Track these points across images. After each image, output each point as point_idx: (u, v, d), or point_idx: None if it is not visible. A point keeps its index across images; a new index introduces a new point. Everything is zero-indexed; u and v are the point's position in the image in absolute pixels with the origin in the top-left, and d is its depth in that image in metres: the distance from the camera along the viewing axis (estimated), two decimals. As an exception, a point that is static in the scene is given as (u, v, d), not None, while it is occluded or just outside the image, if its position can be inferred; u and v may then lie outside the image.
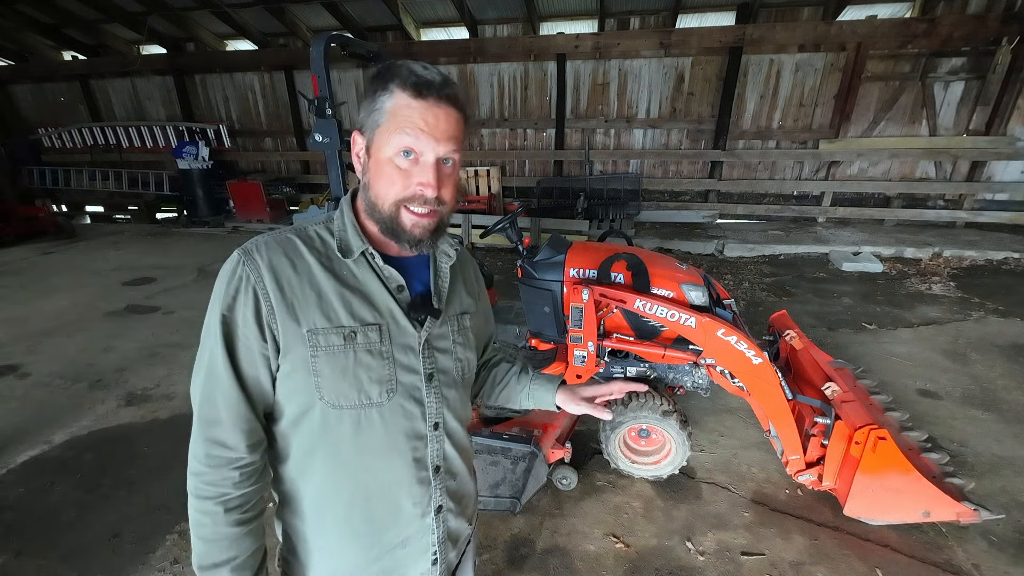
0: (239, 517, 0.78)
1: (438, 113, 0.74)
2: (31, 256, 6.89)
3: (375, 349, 0.79)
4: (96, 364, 3.73)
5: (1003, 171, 6.78)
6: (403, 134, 0.73)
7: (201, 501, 0.77)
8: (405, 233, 0.78)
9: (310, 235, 0.82)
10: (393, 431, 0.82)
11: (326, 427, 0.79)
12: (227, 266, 0.78)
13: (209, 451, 0.76)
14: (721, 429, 2.85)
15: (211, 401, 0.76)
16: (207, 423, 0.76)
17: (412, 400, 0.83)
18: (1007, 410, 2.98)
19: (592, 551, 2.08)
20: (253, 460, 0.79)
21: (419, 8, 7.58)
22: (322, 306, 0.77)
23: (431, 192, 0.76)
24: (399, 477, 0.84)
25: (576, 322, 2.15)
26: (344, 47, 3.66)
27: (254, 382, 0.78)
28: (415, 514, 0.87)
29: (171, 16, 7.95)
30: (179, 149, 8.37)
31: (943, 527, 2.12)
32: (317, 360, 0.76)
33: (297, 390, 0.78)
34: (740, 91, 7.11)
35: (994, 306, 4.49)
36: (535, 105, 7.95)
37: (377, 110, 0.75)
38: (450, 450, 0.90)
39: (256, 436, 0.79)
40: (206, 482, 0.77)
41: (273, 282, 0.76)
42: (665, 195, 7.97)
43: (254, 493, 0.81)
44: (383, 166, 0.76)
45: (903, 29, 6.21)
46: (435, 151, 0.74)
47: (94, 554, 2.11)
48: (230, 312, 0.76)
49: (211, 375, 0.76)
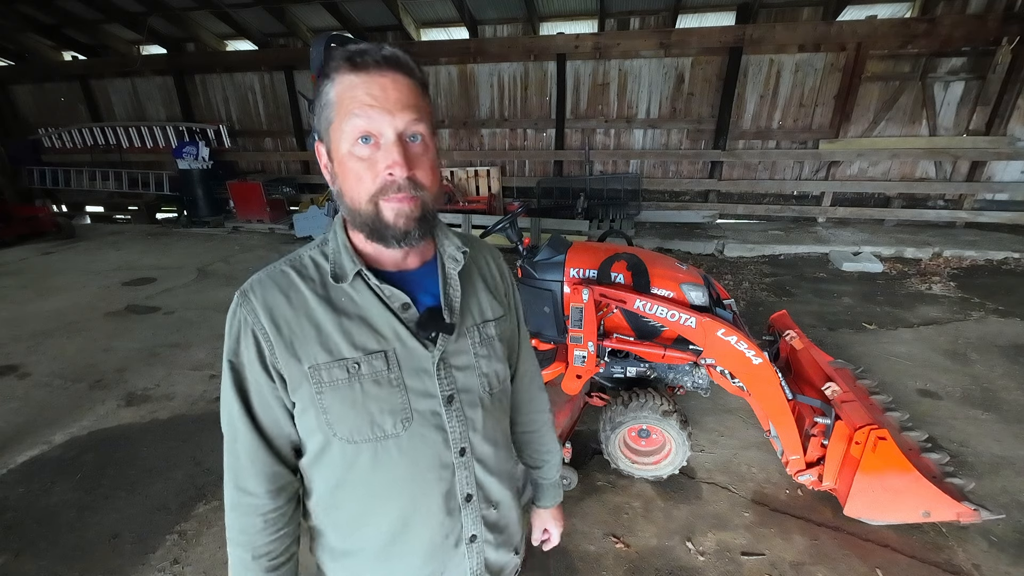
0: (266, 564, 0.78)
1: (383, 83, 0.66)
2: (31, 256, 6.89)
3: (383, 378, 0.74)
4: (96, 364, 3.73)
5: (1003, 171, 6.77)
6: (352, 117, 0.66)
7: (233, 547, 0.79)
8: (389, 228, 0.70)
9: (304, 263, 0.77)
10: (416, 463, 0.77)
11: (346, 462, 0.76)
12: (230, 309, 0.76)
13: (235, 498, 0.77)
14: (721, 429, 2.85)
15: (233, 447, 0.76)
16: (232, 471, 0.77)
17: (432, 427, 0.77)
18: (1007, 410, 2.98)
19: (592, 551, 2.08)
20: (277, 506, 0.77)
21: (419, 8, 7.58)
22: (321, 339, 0.73)
23: (400, 171, 0.66)
24: (429, 508, 0.79)
25: (576, 322, 2.15)
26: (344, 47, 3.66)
27: (272, 425, 0.76)
28: (447, 545, 0.82)
29: (171, 16, 7.94)
30: (179, 149, 8.37)
31: (943, 527, 2.12)
32: (323, 396, 0.72)
33: (311, 428, 0.75)
34: (740, 91, 7.10)
35: (994, 306, 4.49)
36: (535, 105, 7.94)
37: (325, 105, 0.69)
38: (484, 476, 0.83)
39: (279, 481, 0.77)
40: (238, 528, 0.78)
41: (270, 321, 0.72)
42: (665, 195, 7.97)
43: (281, 540, 0.79)
44: (345, 163, 0.68)
45: (903, 29, 6.21)
46: (392, 125, 0.66)
47: (94, 554, 2.11)
48: (236, 358, 0.74)
49: (229, 422, 0.76)
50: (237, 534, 0.78)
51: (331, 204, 3.64)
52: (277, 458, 0.77)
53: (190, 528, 2.23)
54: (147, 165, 9.49)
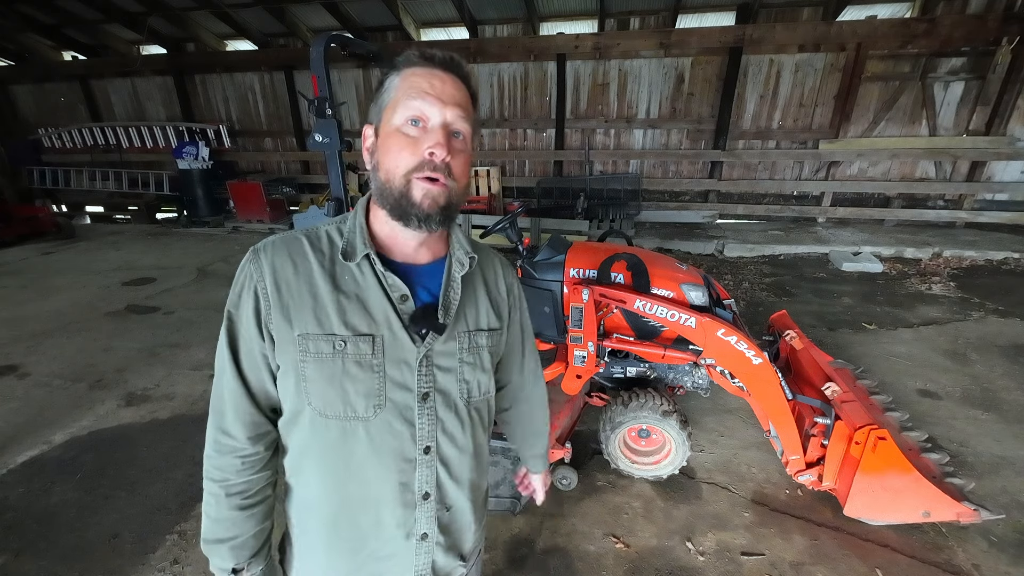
0: (240, 502, 0.82)
1: (444, 77, 0.74)
2: (31, 256, 6.88)
3: (365, 361, 0.76)
4: (96, 364, 3.73)
5: (1003, 171, 6.77)
6: (409, 99, 0.73)
7: (209, 483, 0.82)
8: (415, 207, 0.74)
9: (319, 235, 0.81)
10: (379, 448, 0.78)
11: (315, 432, 0.78)
12: (241, 263, 0.80)
13: (216, 438, 0.80)
14: (721, 429, 2.85)
15: (219, 393, 0.80)
16: (216, 412, 0.80)
17: (402, 419, 0.79)
18: (1007, 410, 2.98)
19: (592, 551, 2.08)
20: (256, 451, 0.81)
21: (419, 8, 7.58)
22: (316, 310, 0.76)
23: (441, 152, 0.72)
24: (382, 494, 0.81)
25: (576, 322, 2.15)
26: (344, 47, 3.66)
27: (255, 378, 0.80)
28: (398, 535, 0.83)
29: (171, 16, 7.95)
30: (179, 149, 8.37)
31: (943, 527, 2.12)
32: (306, 365, 0.76)
33: (289, 392, 0.78)
34: (740, 91, 7.11)
35: (994, 306, 4.49)
36: (535, 105, 7.95)
37: (385, 91, 0.76)
38: (445, 479, 0.84)
39: (258, 429, 0.81)
40: (213, 466, 0.81)
41: (272, 282, 0.76)
42: (665, 195, 7.97)
43: (256, 481, 0.83)
44: (391, 138, 0.74)
45: (903, 29, 6.21)
46: (442, 114, 0.73)
47: (94, 554, 2.11)
48: (235, 309, 0.78)
49: (220, 367, 0.79)
50: (213, 470, 0.81)
51: (331, 204, 3.64)
52: (258, 409, 0.81)
53: (190, 528, 2.23)
54: (147, 165, 9.49)
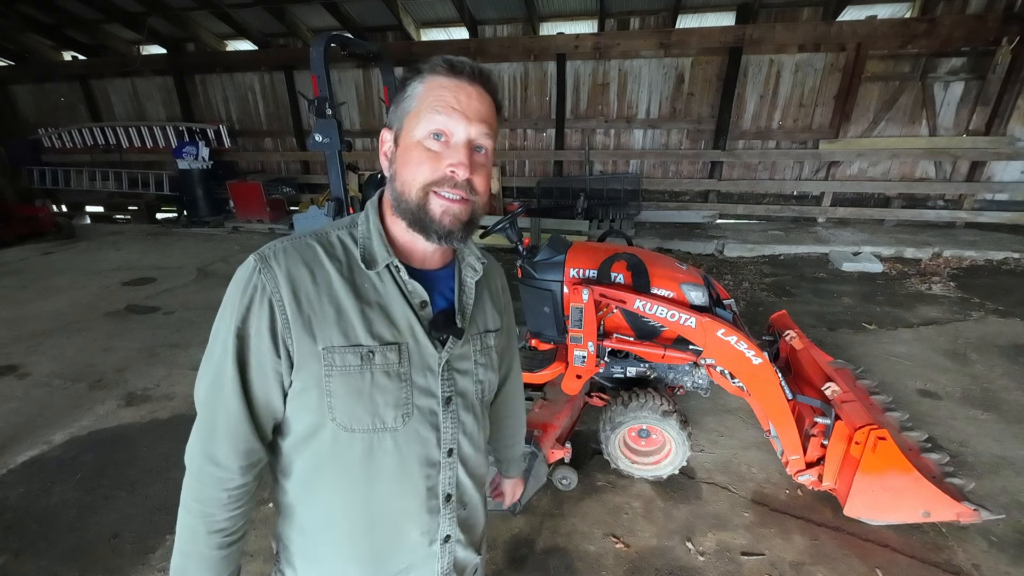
0: (220, 540, 0.76)
1: (470, 91, 0.71)
2: (31, 256, 6.88)
3: (393, 371, 0.74)
4: (96, 364, 3.73)
5: (1003, 171, 6.77)
6: (433, 113, 0.70)
7: (186, 515, 0.76)
8: (434, 223, 0.72)
9: (332, 241, 0.77)
10: (406, 458, 0.78)
11: (336, 449, 0.75)
12: (242, 272, 0.72)
13: (202, 467, 0.74)
14: (721, 429, 2.85)
15: (212, 415, 0.73)
16: (205, 437, 0.73)
17: (428, 425, 0.79)
18: (1007, 410, 2.98)
19: (592, 551, 2.08)
20: (244, 482, 0.75)
21: (419, 8, 7.58)
22: (340, 322, 0.72)
23: (463, 172, 0.70)
24: (408, 505, 0.80)
25: (576, 322, 2.15)
26: (344, 47, 3.66)
27: (263, 400, 0.74)
28: (422, 543, 0.83)
29: (171, 16, 7.94)
30: (179, 149, 8.37)
31: (943, 527, 2.12)
32: (332, 380, 0.72)
33: (308, 409, 0.74)
34: (740, 91, 7.10)
35: (994, 306, 4.49)
36: (535, 105, 7.95)
37: (408, 98, 0.73)
38: (464, 478, 0.86)
39: (251, 458, 0.75)
40: (194, 497, 0.75)
41: (290, 294, 0.71)
42: (665, 195, 7.97)
43: (239, 517, 0.77)
44: (411, 150, 0.72)
45: (903, 29, 6.21)
46: (467, 131, 0.71)
47: (94, 554, 2.11)
48: (244, 324, 0.71)
49: (216, 388, 0.72)
50: (193, 502, 0.75)
51: (331, 204, 3.63)
52: (256, 434, 0.74)
53: (190, 528, 2.23)
54: (147, 165, 9.49)
